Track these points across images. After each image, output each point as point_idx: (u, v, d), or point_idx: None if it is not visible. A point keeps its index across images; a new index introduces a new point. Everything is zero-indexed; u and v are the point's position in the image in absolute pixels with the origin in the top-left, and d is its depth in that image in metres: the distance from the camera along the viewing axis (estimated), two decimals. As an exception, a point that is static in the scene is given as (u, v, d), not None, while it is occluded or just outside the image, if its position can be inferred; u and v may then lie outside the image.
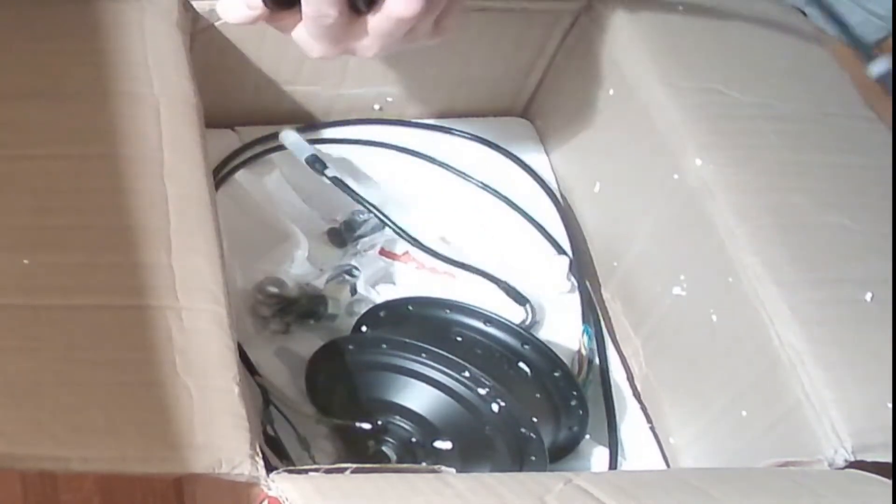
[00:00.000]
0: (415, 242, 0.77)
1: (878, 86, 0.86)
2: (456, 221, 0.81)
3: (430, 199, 0.82)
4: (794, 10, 0.82)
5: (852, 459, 0.58)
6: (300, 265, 0.74)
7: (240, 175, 0.79)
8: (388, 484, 0.50)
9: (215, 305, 0.56)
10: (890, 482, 0.57)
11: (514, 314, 0.74)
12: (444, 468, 0.56)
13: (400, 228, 0.76)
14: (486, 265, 0.78)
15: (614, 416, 0.73)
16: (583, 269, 0.80)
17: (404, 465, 0.64)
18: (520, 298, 0.76)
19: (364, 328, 0.71)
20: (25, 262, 0.56)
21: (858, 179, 0.70)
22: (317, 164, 0.77)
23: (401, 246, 0.78)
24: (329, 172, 0.76)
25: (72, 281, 0.56)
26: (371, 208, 0.76)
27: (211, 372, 0.53)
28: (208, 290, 0.57)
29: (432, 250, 0.77)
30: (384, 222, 0.77)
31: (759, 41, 0.79)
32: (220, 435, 0.51)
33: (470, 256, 0.78)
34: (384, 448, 0.65)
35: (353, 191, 0.76)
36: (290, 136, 0.80)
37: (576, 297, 0.78)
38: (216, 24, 0.76)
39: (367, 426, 0.65)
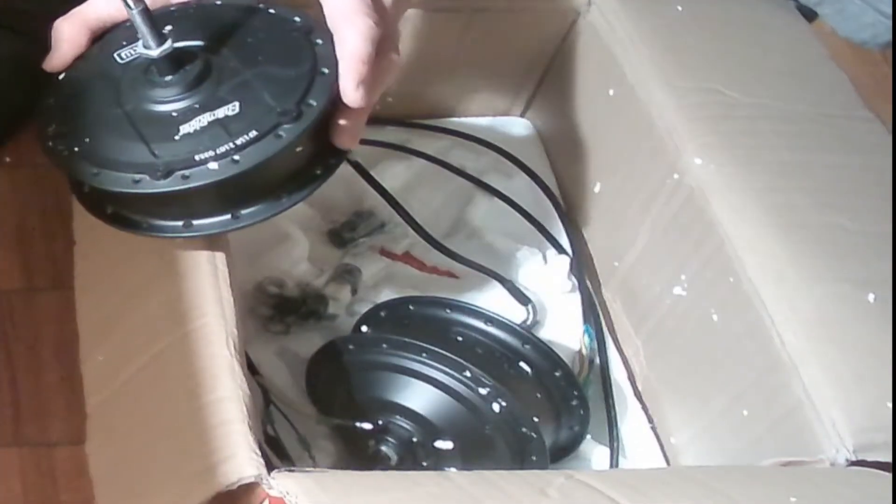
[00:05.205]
0: (426, 236, 0.76)
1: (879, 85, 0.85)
2: (456, 221, 0.81)
3: (430, 198, 0.81)
4: (795, 10, 0.82)
5: (854, 459, 0.58)
6: (300, 265, 0.74)
7: (240, 175, 0.79)
8: (389, 478, 0.50)
9: (216, 305, 0.56)
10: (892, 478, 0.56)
11: (515, 314, 0.74)
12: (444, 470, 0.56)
13: (414, 221, 0.76)
14: (487, 265, 0.77)
15: (615, 416, 0.73)
16: (583, 268, 0.80)
17: (405, 469, 0.64)
18: (522, 298, 0.76)
19: (364, 328, 0.71)
20: None
21: (857, 180, 0.70)
22: None
23: (401, 246, 0.78)
24: (351, 157, 0.75)
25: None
26: (388, 199, 0.75)
27: (211, 372, 0.53)
28: (209, 290, 0.57)
29: (442, 245, 0.76)
30: (400, 214, 0.76)
31: (759, 41, 0.79)
32: (220, 435, 0.51)
33: (470, 256, 0.78)
34: (385, 448, 0.64)
35: (373, 178, 0.75)
36: None
37: (576, 297, 0.78)
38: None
39: (367, 426, 0.65)
